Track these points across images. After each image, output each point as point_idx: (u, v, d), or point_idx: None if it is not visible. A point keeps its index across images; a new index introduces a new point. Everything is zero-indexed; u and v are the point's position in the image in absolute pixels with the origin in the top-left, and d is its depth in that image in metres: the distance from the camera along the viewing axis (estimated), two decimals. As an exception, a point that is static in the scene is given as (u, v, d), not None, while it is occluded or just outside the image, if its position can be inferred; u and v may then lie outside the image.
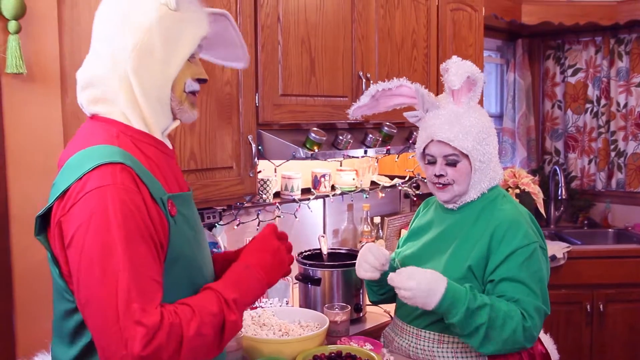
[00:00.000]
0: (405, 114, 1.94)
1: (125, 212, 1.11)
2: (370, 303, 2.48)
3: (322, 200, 2.97)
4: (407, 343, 1.87)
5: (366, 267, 1.86)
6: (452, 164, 1.79)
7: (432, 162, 1.84)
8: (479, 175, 1.79)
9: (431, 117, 1.83)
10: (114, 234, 1.09)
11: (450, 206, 1.87)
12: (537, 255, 1.74)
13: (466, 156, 1.78)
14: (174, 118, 1.33)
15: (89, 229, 1.09)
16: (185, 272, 1.27)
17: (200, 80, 1.35)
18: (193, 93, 1.34)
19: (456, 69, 1.75)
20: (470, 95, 1.79)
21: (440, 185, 1.83)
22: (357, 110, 1.95)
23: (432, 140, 1.81)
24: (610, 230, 4.09)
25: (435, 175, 1.82)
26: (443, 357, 1.80)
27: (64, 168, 1.20)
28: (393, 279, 1.67)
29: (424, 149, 1.85)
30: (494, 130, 1.86)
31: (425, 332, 1.83)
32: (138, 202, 1.14)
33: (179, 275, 1.24)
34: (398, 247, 2.05)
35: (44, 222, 1.22)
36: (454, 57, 1.79)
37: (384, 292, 2.02)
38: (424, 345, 1.82)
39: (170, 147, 1.36)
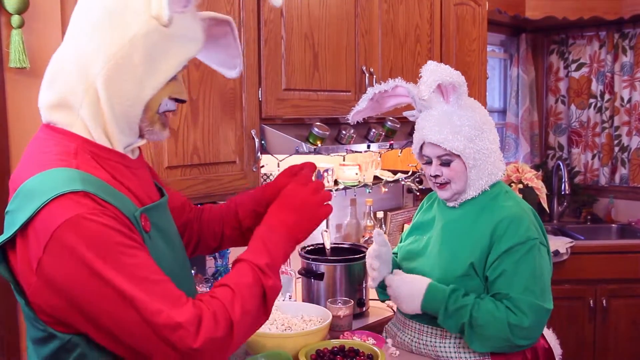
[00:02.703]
0: (404, 113, 1.95)
1: (101, 236, 1.02)
2: (376, 299, 2.49)
3: (325, 195, 2.97)
4: (409, 338, 1.87)
5: (374, 274, 1.91)
6: (446, 164, 1.80)
7: (429, 162, 1.85)
8: (476, 173, 1.78)
9: (423, 118, 1.83)
10: (103, 263, 1.01)
11: (451, 204, 1.87)
12: (535, 252, 1.72)
13: (459, 155, 1.77)
14: (141, 136, 1.21)
15: (76, 268, 1.01)
16: None
17: (178, 100, 1.22)
18: (166, 113, 1.22)
19: (427, 76, 1.73)
20: (457, 94, 1.77)
21: (439, 184, 1.83)
22: (357, 114, 1.96)
23: (424, 142, 1.82)
24: (613, 225, 4.08)
25: (431, 175, 1.83)
26: (445, 352, 1.80)
27: (17, 194, 1.08)
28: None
29: (420, 150, 1.86)
30: (491, 125, 1.83)
31: (427, 327, 1.83)
32: (109, 220, 1.04)
33: None
34: (400, 242, 2.05)
35: (2, 251, 1.09)
36: (430, 63, 1.77)
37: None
38: (426, 341, 1.83)
39: (136, 155, 1.25)
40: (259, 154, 2.13)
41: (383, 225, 3.12)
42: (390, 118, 2.51)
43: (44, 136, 1.15)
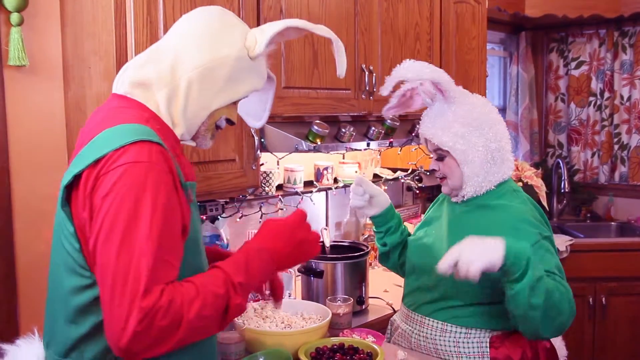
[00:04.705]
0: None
1: (158, 193, 1.14)
2: (375, 297, 2.49)
3: (324, 193, 2.97)
4: (411, 329, 1.89)
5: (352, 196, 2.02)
6: (440, 158, 1.83)
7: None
8: (471, 169, 1.78)
9: (424, 114, 1.87)
10: (143, 210, 1.11)
11: (454, 199, 1.88)
12: (552, 249, 1.73)
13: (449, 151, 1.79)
14: (193, 138, 1.38)
15: (117, 199, 1.11)
16: (194, 257, 1.30)
17: (229, 122, 1.42)
18: (217, 127, 1.41)
19: (393, 73, 1.76)
20: (447, 91, 1.78)
21: (439, 179, 1.87)
22: (389, 110, 1.98)
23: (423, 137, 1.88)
24: (613, 223, 4.08)
25: (431, 170, 1.88)
26: (445, 345, 1.80)
27: (95, 140, 1.20)
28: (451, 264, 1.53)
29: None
30: (493, 123, 1.80)
31: (429, 320, 1.84)
32: (170, 184, 1.17)
33: (189, 259, 1.25)
34: (413, 235, 2.06)
35: (68, 194, 1.22)
36: (405, 62, 1.78)
37: (383, 235, 2.06)
38: (426, 333, 1.83)
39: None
40: (258, 151, 2.13)
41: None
42: (390, 116, 2.51)
43: (119, 102, 1.31)
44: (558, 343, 1.95)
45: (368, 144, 2.43)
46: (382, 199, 2.03)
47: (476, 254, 1.49)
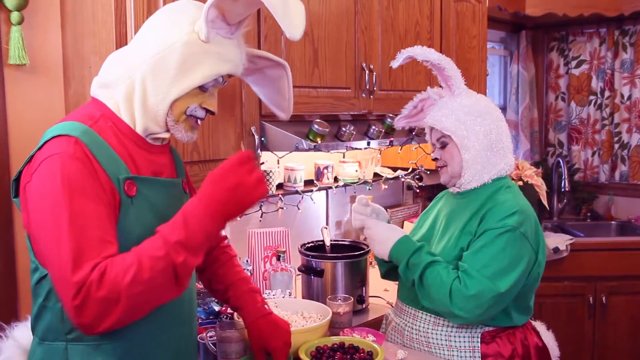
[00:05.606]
0: None
1: (69, 176, 1.19)
2: (376, 296, 2.49)
3: (325, 191, 2.97)
4: (404, 323, 1.91)
5: (356, 216, 2.00)
6: (443, 146, 1.89)
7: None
8: (471, 157, 1.82)
9: (431, 109, 1.91)
10: (59, 197, 1.18)
11: (452, 190, 1.94)
12: (506, 239, 1.72)
13: (452, 138, 1.84)
14: (167, 130, 1.37)
15: (39, 193, 1.20)
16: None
17: (208, 111, 1.40)
18: (195, 118, 1.39)
19: (405, 50, 1.86)
20: (452, 80, 1.84)
21: (439, 168, 1.92)
22: (400, 120, 2.04)
23: (430, 128, 1.93)
24: (613, 222, 4.08)
25: (433, 159, 1.94)
26: (437, 339, 1.82)
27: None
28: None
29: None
30: (493, 118, 1.85)
31: (421, 313, 1.87)
32: (84, 169, 1.21)
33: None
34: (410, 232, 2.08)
35: (18, 186, 1.30)
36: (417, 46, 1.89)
37: (389, 266, 2.04)
38: (419, 327, 1.86)
39: (160, 143, 1.41)
40: (258, 150, 2.13)
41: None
42: (390, 115, 2.51)
43: (88, 103, 1.39)
44: (551, 343, 1.97)
45: (368, 143, 2.43)
46: (383, 217, 2.03)
47: (375, 247, 1.89)
